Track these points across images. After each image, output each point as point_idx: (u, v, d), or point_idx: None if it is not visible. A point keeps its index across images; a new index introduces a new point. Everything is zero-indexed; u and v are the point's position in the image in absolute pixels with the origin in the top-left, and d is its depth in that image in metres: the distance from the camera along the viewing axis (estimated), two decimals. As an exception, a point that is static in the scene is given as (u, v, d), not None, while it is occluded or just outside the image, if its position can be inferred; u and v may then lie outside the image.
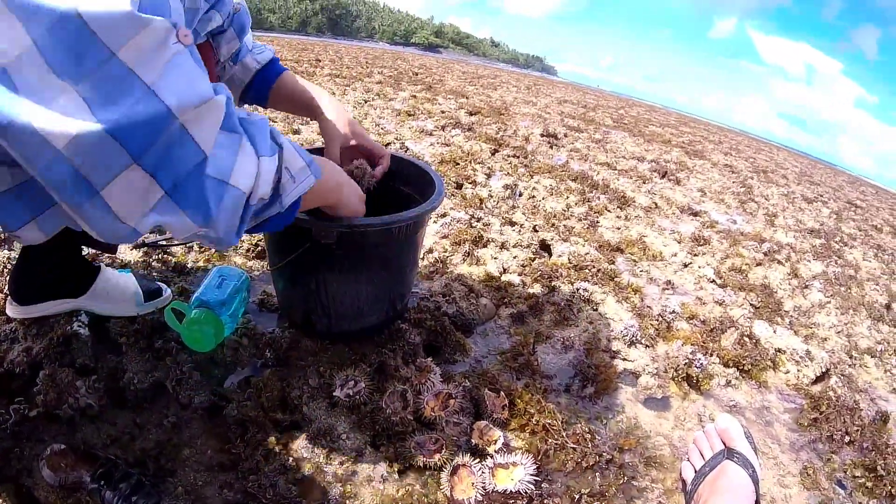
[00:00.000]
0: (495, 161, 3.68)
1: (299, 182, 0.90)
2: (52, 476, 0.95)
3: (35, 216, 0.79)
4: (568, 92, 12.43)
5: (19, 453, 1.02)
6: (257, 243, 1.91)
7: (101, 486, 0.93)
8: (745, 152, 9.02)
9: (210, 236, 0.78)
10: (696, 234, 3.04)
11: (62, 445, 0.99)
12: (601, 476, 1.24)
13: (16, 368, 1.18)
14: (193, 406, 1.20)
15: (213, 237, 0.78)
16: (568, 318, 1.82)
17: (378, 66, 9.53)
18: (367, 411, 1.24)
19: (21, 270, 1.28)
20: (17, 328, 1.29)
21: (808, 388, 1.79)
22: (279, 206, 0.88)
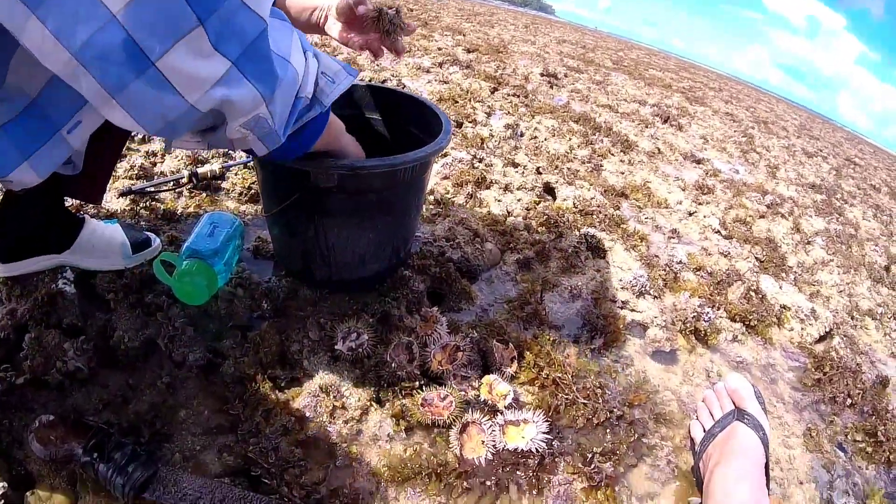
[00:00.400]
0: (495, 100, 3.58)
1: (339, 83, 0.90)
2: (42, 450, 0.89)
3: (27, 156, 0.73)
4: (566, 32, 12.16)
5: (8, 425, 0.96)
6: (250, 186, 1.81)
7: (95, 459, 0.87)
8: (745, 101, 8.92)
9: (263, 125, 0.76)
10: (700, 182, 2.99)
11: (51, 417, 0.92)
12: (612, 433, 1.21)
13: (0, 333, 1.10)
14: (188, 364, 1.13)
15: (266, 127, 0.77)
16: (575, 266, 1.76)
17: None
18: (370, 365, 1.18)
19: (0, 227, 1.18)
20: (0, 289, 1.21)
21: (812, 346, 1.77)
22: (320, 107, 0.88)
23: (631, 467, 1.17)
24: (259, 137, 0.79)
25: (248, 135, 0.77)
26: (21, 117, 0.70)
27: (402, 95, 1.50)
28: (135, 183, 1.71)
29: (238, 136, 0.76)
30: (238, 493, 0.88)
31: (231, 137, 0.76)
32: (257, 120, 0.74)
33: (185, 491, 0.87)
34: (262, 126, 0.76)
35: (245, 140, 0.78)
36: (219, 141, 0.78)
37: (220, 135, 0.76)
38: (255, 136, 0.78)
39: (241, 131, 0.75)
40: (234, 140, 0.77)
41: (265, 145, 0.81)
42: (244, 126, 0.74)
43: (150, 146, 1.97)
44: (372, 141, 1.47)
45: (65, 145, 0.77)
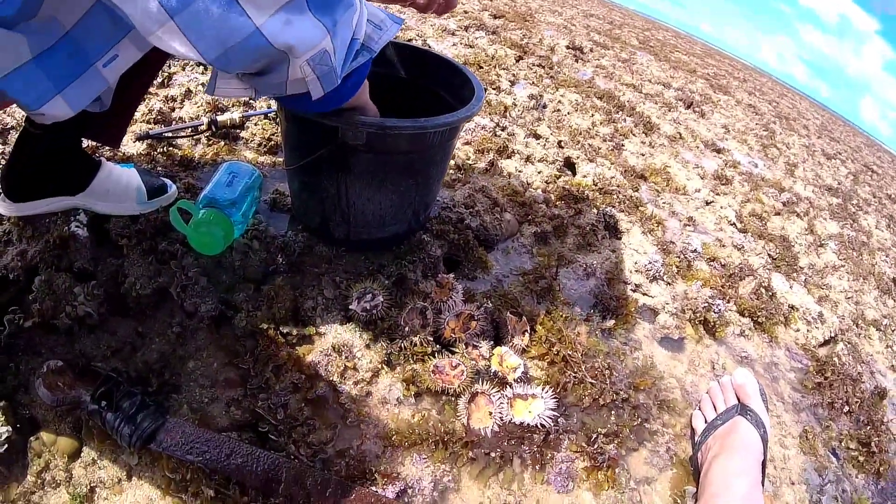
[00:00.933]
0: (520, 69, 3.52)
1: (385, 30, 0.90)
2: (49, 395, 0.88)
3: (61, 89, 0.71)
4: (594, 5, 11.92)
5: (14, 368, 0.96)
6: (270, 137, 1.79)
7: (102, 408, 0.87)
8: (769, 95, 8.79)
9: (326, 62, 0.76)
10: (719, 171, 2.96)
11: (59, 362, 0.92)
12: (616, 415, 1.21)
13: (10, 274, 1.09)
14: (199, 315, 1.12)
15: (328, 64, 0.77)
16: (592, 244, 1.75)
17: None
18: (384, 328, 1.18)
19: (15, 165, 1.15)
20: (11, 229, 1.18)
21: (816, 350, 1.78)
22: (369, 54, 0.88)
23: (632, 451, 1.18)
24: (319, 76, 0.78)
25: (310, 74, 0.76)
26: (55, 49, 0.68)
27: (435, 56, 1.47)
28: (153, 127, 1.69)
29: (299, 77, 0.76)
30: (245, 449, 0.88)
31: (292, 78, 0.75)
32: (322, 55, 0.74)
33: (193, 443, 0.87)
34: (324, 63, 0.76)
35: (304, 81, 0.77)
36: (269, 86, 0.77)
37: (273, 78, 0.74)
38: (316, 74, 0.77)
39: (304, 69, 0.74)
40: (293, 81, 0.76)
41: (322, 86, 0.80)
42: (310, 62, 0.73)
43: (169, 91, 1.94)
44: (399, 101, 1.45)
45: (99, 79, 0.75)
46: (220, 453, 0.86)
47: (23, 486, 0.85)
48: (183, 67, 2.14)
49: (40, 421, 0.92)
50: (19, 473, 0.87)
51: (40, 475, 0.87)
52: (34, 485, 0.86)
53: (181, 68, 2.13)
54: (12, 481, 0.85)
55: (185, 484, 0.86)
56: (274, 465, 0.86)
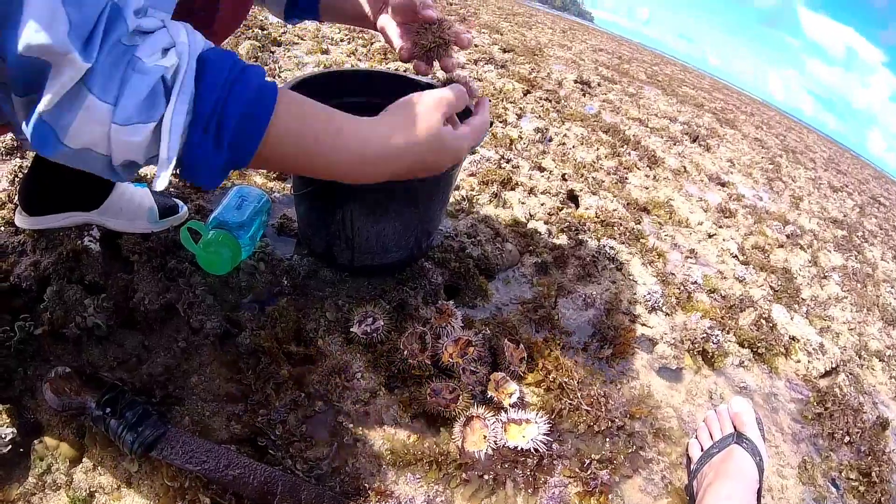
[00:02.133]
0: (527, 102, 3.58)
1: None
2: (56, 400, 0.91)
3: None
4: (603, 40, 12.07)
5: (22, 373, 0.99)
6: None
7: (106, 414, 0.89)
8: (776, 128, 8.85)
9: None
10: (723, 205, 2.98)
11: (67, 369, 0.95)
12: (611, 442, 1.22)
13: (22, 283, 1.13)
14: (205, 331, 1.16)
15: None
16: (591, 275, 1.77)
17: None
18: (383, 350, 1.21)
19: (32, 179, 1.21)
20: (26, 241, 1.24)
21: (817, 381, 1.77)
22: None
23: (626, 478, 1.18)
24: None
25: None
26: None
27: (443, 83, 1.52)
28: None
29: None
30: (243, 461, 0.90)
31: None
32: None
33: (192, 453, 0.89)
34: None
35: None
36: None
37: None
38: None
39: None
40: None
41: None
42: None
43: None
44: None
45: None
46: (219, 464, 0.88)
47: (23, 488, 0.87)
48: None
49: (44, 425, 0.94)
50: (21, 475, 0.89)
51: (41, 478, 0.89)
52: (35, 487, 0.88)
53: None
54: (14, 482, 0.88)
55: (182, 492, 0.88)
56: (270, 478, 0.88)
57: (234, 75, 0.65)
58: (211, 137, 0.64)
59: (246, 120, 0.66)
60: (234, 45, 2.94)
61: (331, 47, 3.56)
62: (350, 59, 3.36)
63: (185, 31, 0.63)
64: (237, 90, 0.65)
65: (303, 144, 0.74)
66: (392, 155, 0.82)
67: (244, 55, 2.83)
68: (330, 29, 3.97)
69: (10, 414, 0.93)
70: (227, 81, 0.64)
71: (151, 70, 0.58)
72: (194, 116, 0.63)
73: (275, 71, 2.76)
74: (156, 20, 0.61)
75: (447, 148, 0.87)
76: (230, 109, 0.64)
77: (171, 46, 0.61)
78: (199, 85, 0.63)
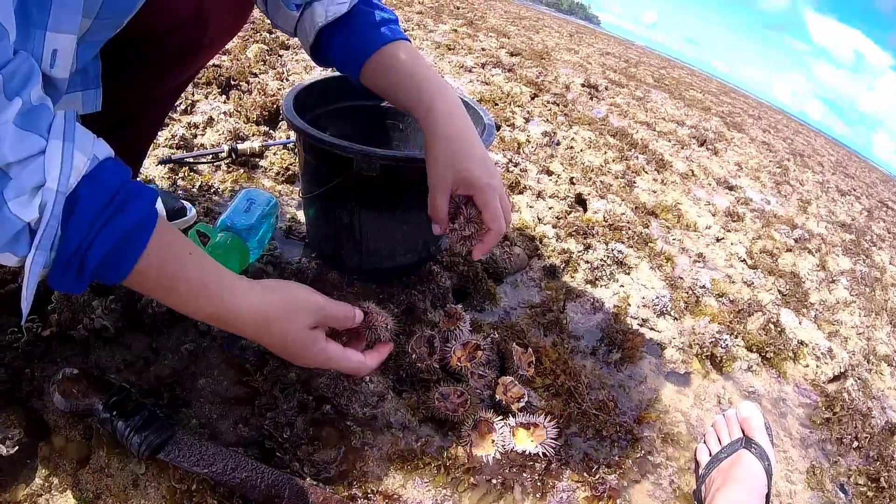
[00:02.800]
0: (535, 106, 3.58)
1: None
2: (63, 402, 0.92)
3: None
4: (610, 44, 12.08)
5: (30, 375, 0.99)
6: (288, 166, 1.84)
7: (114, 416, 0.89)
8: (784, 132, 8.83)
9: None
10: (731, 209, 2.97)
11: (75, 370, 0.95)
12: (619, 447, 1.22)
13: None
14: (212, 334, 1.16)
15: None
16: (600, 279, 1.77)
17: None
18: (391, 354, 1.20)
19: None
20: None
21: (825, 385, 1.77)
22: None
23: (634, 482, 1.18)
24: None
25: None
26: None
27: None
28: (175, 152, 1.75)
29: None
30: (250, 464, 0.90)
31: None
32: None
33: (199, 456, 0.89)
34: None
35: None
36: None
37: None
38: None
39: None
40: None
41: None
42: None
43: (192, 118, 2.02)
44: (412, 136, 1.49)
45: None
46: (226, 467, 0.88)
47: (30, 489, 0.87)
48: (206, 96, 2.21)
49: (52, 427, 0.94)
50: (27, 476, 0.89)
51: (48, 479, 0.89)
52: (41, 488, 0.88)
53: (204, 97, 2.20)
54: (20, 483, 0.87)
55: (189, 494, 0.88)
56: (277, 482, 0.88)
57: (107, 215, 0.63)
58: (73, 271, 0.64)
59: (109, 259, 0.65)
60: (242, 50, 2.95)
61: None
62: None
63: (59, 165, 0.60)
64: (106, 231, 0.63)
65: (165, 287, 0.73)
66: (249, 334, 0.82)
67: (252, 59, 2.84)
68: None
69: (18, 415, 0.93)
70: (95, 225, 0.63)
71: (12, 219, 0.57)
72: (57, 254, 0.62)
73: (283, 74, 2.76)
74: (33, 142, 0.58)
75: (305, 355, 0.86)
76: (93, 251, 0.63)
77: (41, 186, 0.58)
78: (65, 225, 0.61)
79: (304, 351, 0.85)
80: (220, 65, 2.57)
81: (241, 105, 2.18)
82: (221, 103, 2.20)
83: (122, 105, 0.94)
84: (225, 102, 2.22)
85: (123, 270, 0.66)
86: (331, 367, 0.90)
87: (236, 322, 0.78)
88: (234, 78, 2.42)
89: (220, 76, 2.37)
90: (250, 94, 2.33)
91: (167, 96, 1.17)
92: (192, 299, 0.74)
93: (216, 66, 2.48)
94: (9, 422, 0.91)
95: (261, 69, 2.76)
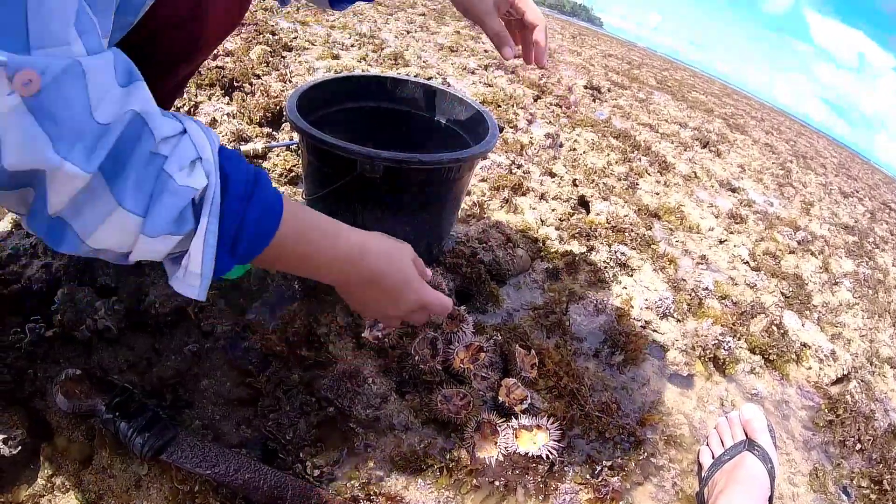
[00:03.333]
0: (537, 108, 3.58)
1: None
2: (66, 402, 0.92)
3: None
4: (613, 46, 12.07)
5: (33, 375, 0.99)
6: (291, 168, 1.84)
7: (116, 417, 0.90)
8: (786, 134, 8.82)
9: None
10: (734, 210, 2.97)
11: (78, 371, 0.95)
12: (622, 449, 1.22)
13: (33, 285, 1.13)
14: (216, 335, 1.16)
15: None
16: (603, 281, 1.77)
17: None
18: (395, 356, 1.21)
19: None
20: (37, 243, 1.23)
21: (828, 388, 1.77)
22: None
23: (637, 485, 1.18)
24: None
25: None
26: None
27: (452, 95, 1.52)
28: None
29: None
30: (253, 465, 0.90)
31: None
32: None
33: (202, 457, 0.89)
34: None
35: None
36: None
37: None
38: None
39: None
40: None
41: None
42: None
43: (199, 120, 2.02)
44: (415, 138, 1.49)
45: None
46: (229, 468, 0.88)
47: (32, 489, 0.88)
48: (209, 97, 2.21)
49: (54, 427, 0.94)
50: (30, 476, 0.89)
51: (50, 479, 0.89)
52: (44, 488, 0.88)
53: (207, 98, 2.20)
54: (22, 484, 0.88)
55: (192, 495, 0.88)
56: (280, 483, 0.88)
57: (250, 187, 0.68)
58: (227, 248, 0.67)
59: (259, 229, 0.69)
60: (245, 51, 2.95)
61: (341, 52, 3.57)
62: (360, 65, 3.36)
63: (207, 140, 0.64)
64: (253, 203, 0.67)
65: (304, 240, 0.79)
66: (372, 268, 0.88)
67: (255, 60, 2.84)
68: (341, 34, 3.99)
69: (21, 415, 0.93)
70: (246, 195, 0.67)
71: (182, 191, 0.59)
72: (220, 233, 0.65)
73: (286, 76, 2.77)
74: (174, 122, 0.61)
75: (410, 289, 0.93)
76: (248, 223, 0.67)
77: (198, 159, 0.61)
78: (223, 200, 0.64)
79: (409, 284, 0.92)
80: (224, 66, 2.57)
81: (245, 106, 2.18)
82: (224, 105, 2.20)
83: None
84: (228, 104, 2.22)
85: (270, 234, 0.70)
86: (426, 301, 0.94)
87: (369, 253, 0.86)
88: (238, 79, 2.42)
89: (224, 77, 2.37)
90: (253, 96, 2.33)
91: (167, 96, 1.17)
92: (330, 243, 0.82)
93: (219, 68, 2.48)
94: (11, 422, 0.91)
95: (264, 70, 2.76)
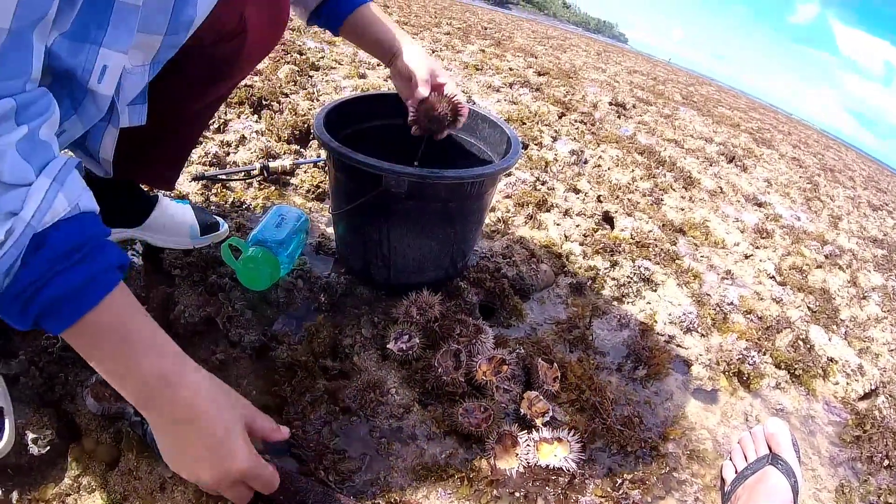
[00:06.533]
0: (562, 125, 3.60)
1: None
2: (96, 405, 0.95)
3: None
4: (638, 62, 12.08)
5: (63, 379, 1.02)
6: (318, 184, 1.89)
7: (144, 420, 0.92)
8: (814, 147, 8.73)
9: None
10: (760, 225, 2.95)
11: None
12: (643, 463, 1.22)
13: None
14: (243, 345, 1.19)
15: None
16: (626, 296, 1.78)
17: (447, 17, 9.29)
18: (418, 367, 1.23)
19: None
20: None
21: (855, 403, 1.74)
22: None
23: (658, 499, 1.18)
24: None
25: None
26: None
27: (476, 112, 1.54)
28: (208, 169, 1.81)
29: None
30: (278, 469, 0.92)
31: None
32: None
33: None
34: None
35: None
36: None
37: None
38: None
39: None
40: None
41: None
42: None
43: (225, 136, 2.07)
44: (440, 154, 1.52)
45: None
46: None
47: (59, 488, 0.90)
48: (238, 115, 2.27)
49: (83, 429, 0.97)
50: (57, 476, 0.92)
51: (77, 479, 0.92)
52: (70, 488, 0.91)
53: (237, 116, 2.26)
54: (50, 482, 0.91)
55: (215, 499, 0.91)
56: (303, 488, 0.90)
57: (70, 262, 0.64)
58: (19, 304, 0.63)
59: (57, 305, 0.64)
60: (274, 70, 3.01)
61: (368, 71, 3.63)
62: (387, 84, 3.41)
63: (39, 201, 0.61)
64: (64, 277, 0.64)
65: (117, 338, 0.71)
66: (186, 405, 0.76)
67: (283, 79, 2.90)
68: (367, 54, 4.04)
69: (51, 417, 0.96)
70: (54, 268, 0.63)
71: None
72: (10, 284, 0.62)
73: (313, 95, 2.82)
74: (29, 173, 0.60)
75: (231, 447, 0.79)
76: (44, 292, 0.63)
77: (15, 213, 0.59)
78: (27, 259, 0.62)
79: (232, 442, 0.78)
80: (252, 85, 2.63)
81: (273, 124, 2.24)
82: (253, 122, 2.25)
83: (160, 120, 0.99)
84: (257, 122, 2.28)
85: (67, 321, 0.65)
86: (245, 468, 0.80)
87: (179, 385, 0.74)
88: (266, 98, 2.48)
89: (252, 96, 2.43)
90: (281, 114, 2.38)
91: (204, 111, 1.21)
92: (143, 352, 0.71)
93: (248, 87, 2.54)
94: (42, 423, 0.94)
95: (291, 89, 2.81)
